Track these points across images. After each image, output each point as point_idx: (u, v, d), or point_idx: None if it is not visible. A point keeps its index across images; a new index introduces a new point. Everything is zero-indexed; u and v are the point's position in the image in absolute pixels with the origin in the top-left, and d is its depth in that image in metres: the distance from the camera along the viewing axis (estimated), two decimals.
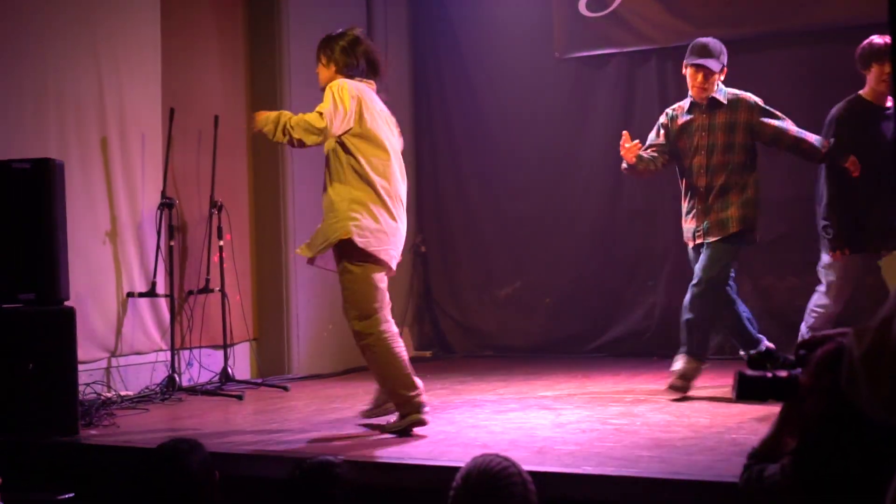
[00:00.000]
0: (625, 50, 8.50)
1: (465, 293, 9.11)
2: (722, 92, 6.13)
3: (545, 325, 8.69)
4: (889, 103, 6.16)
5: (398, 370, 5.20)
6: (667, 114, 6.32)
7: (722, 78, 6.15)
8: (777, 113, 6.12)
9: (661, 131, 6.29)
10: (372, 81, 5.52)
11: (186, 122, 7.31)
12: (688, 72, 6.16)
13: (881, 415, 2.04)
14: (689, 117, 6.19)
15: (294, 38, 7.99)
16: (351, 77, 5.43)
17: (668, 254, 8.16)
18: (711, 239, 6.10)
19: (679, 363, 6.09)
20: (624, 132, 6.23)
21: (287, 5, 7.98)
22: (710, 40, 6.15)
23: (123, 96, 6.96)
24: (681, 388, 6.03)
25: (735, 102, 6.11)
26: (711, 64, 6.05)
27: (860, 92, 6.13)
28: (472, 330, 9.07)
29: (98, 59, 6.82)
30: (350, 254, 5.19)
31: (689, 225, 6.23)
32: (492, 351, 8.88)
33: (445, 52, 9.23)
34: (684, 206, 6.25)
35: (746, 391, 2.45)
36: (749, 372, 2.46)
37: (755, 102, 6.12)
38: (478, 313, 9.06)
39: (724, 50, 6.14)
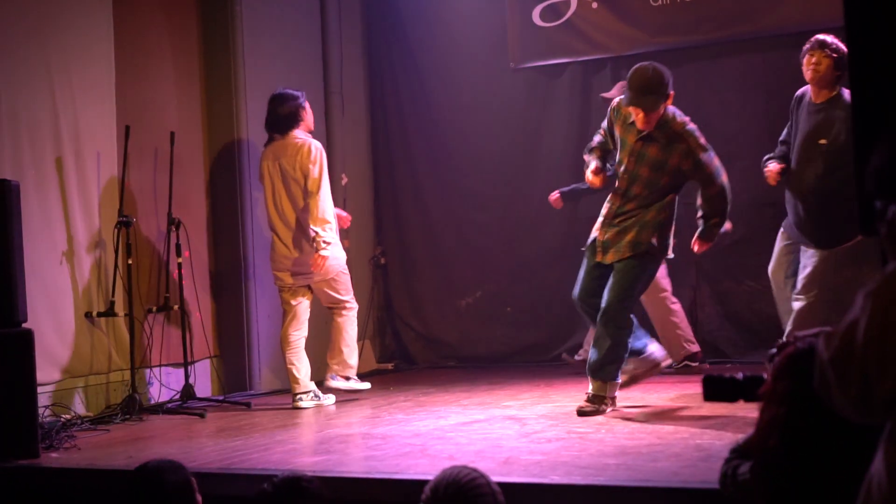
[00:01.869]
0: (579, 59, 8.54)
1: (425, 304, 9.11)
2: (662, 125, 5.78)
3: (507, 334, 8.71)
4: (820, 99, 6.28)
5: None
6: (613, 109, 5.98)
7: (668, 104, 5.80)
8: (709, 169, 5.83)
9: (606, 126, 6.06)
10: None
11: (142, 139, 7.27)
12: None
13: (851, 414, 2.08)
14: (627, 131, 5.89)
15: (249, 53, 7.96)
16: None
17: None
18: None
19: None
20: (591, 171, 5.99)
21: (241, 21, 7.96)
22: (651, 72, 5.76)
23: (78, 115, 6.90)
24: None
25: (674, 138, 5.77)
26: (649, 104, 5.70)
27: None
28: (434, 341, 9.07)
29: (51, 78, 6.76)
30: None
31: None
32: (454, 361, 8.88)
33: (401, 64, 9.23)
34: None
35: (713, 392, 2.48)
36: (715, 374, 2.50)
37: (692, 149, 5.77)
38: (439, 324, 9.06)
39: (668, 78, 5.78)
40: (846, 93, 6.11)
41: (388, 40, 9.27)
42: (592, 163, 6.03)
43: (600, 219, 5.97)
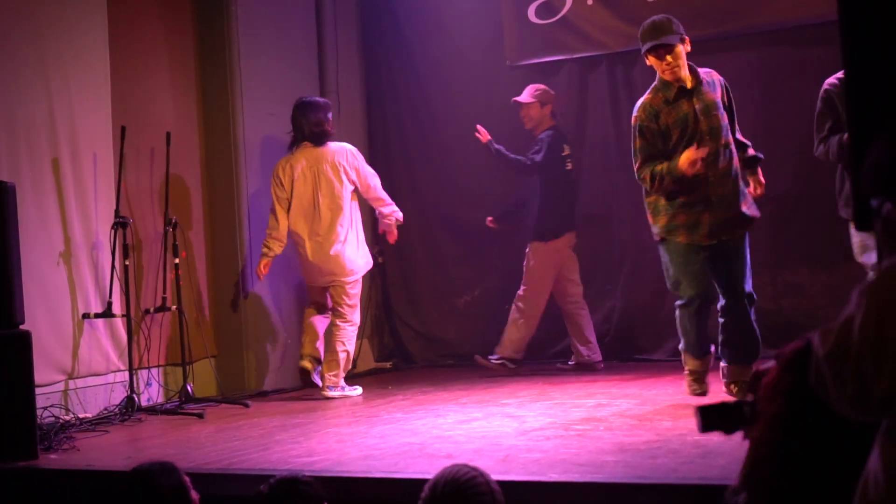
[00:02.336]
0: (575, 56, 8.54)
1: (424, 303, 9.11)
2: (692, 69, 5.77)
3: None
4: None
5: None
6: (647, 112, 5.74)
7: (688, 48, 5.76)
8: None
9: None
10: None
11: (138, 139, 7.26)
12: (651, 60, 5.71)
13: (848, 412, 2.07)
14: (675, 105, 5.70)
15: (245, 54, 7.96)
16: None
17: (625, 258, 8.20)
18: (741, 233, 5.77)
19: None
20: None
21: (237, 21, 7.96)
22: (655, 18, 5.78)
23: (74, 115, 6.90)
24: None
25: (708, 76, 5.83)
26: (672, 40, 5.63)
27: None
28: (433, 339, 9.07)
29: (48, 79, 6.76)
30: None
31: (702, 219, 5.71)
32: (452, 360, 8.87)
33: (397, 63, 9.23)
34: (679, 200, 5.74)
35: (708, 422, 2.44)
36: (706, 403, 2.47)
37: (721, 80, 5.89)
38: (437, 322, 9.06)
39: (678, 22, 5.76)
40: None
41: (384, 39, 9.27)
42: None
43: (689, 208, 5.69)
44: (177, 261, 7.22)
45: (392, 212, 7.69)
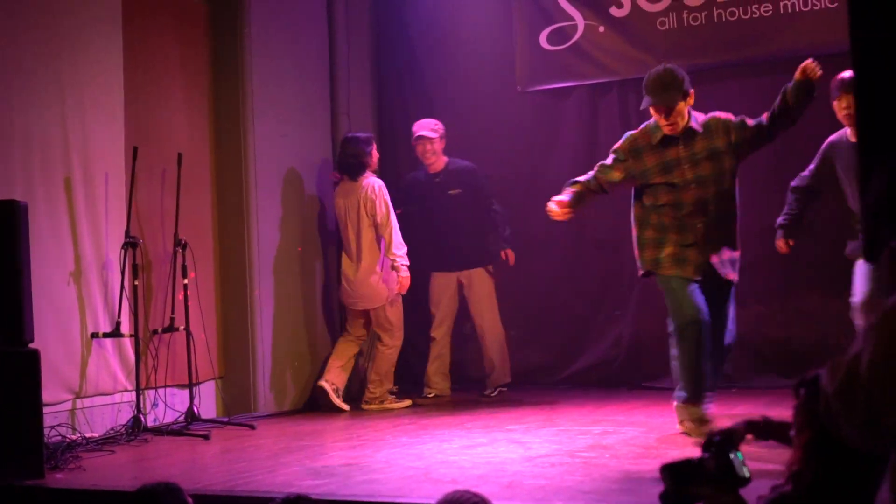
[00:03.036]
0: (586, 82, 8.56)
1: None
2: (696, 120, 5.83)
3: (512, 356, 8.67)
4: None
5: None
6: (631, 149, 5.96)
7: (690, 102, 5.83)
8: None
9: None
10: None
11: (150, 160, 7.29)
12: (652, 111, 5.85)
13: (859, 444, 2.07)
14: (657, 150, 5.85)
15: (257, 75, 7.99)
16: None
17: (634, 283, 8.19)
18: (733, 277, 5.86)
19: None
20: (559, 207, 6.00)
21: (251, 42, 7.99)
22: (663, 69, 5.82)
23: (87, 135, 6.92)
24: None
25: (708, 124, 5.83)
26: (668, 99, 5.71)
27: None
28: None
29: (63, 100, 6.79)
30: None
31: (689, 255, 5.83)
32: (457, 384, 8.85)
33: (409, 85, 9.26)
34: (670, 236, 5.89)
35: (676, 482, 2.43)
36: (671, 461, 2.46)
37: (727, 119, 5.86)
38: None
39: (683, 75, 5.81)
40: None
41: (396, 63, 9.30)
42: (566, 197, 6.03)
43: (677, 245, 5.83)
44: (185, 281, 7.23)
45: (394, 258, 7.94)
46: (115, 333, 6.85)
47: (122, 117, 7.18)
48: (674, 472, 2.42)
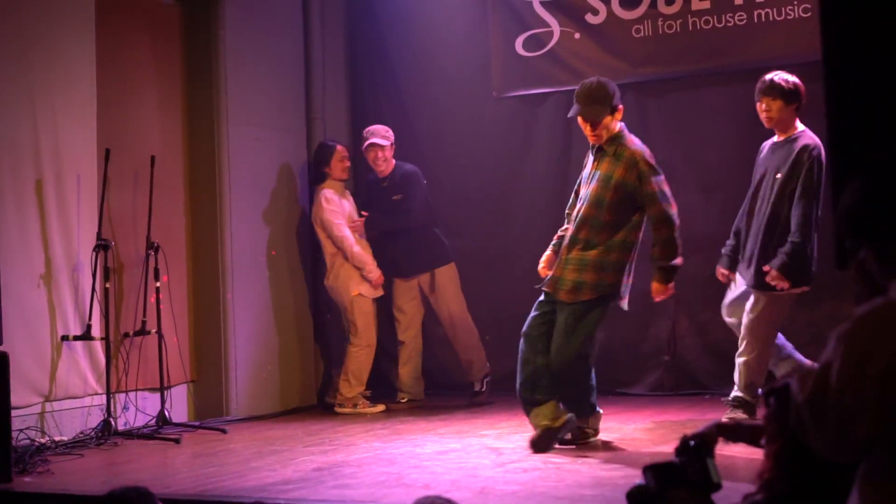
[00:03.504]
0: (562, 89, 8.55)
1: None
2: (614, 140, 5.83)
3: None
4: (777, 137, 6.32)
5: None
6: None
7: (618, 118, 5.84)
8: (652, 186, 5.76)
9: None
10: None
11: (123, 162, 7.25)
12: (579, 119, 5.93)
13: (829, 454, 2.09)
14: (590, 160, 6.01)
15: (231, 78, 7.96)
16: None
17: None
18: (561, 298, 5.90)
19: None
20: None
21: (225, 45, 7.96)
22: (595, 83, 5.87)
23: (59, 137, 6.88)
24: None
25: (622, 152, 5.78)
26: (594, 113, 5.77)
27: None
28: None
29: (33, 100, 6.74)
30: None
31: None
32: (431, 390, 8.84)
33: (384, 91, 9.24)
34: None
35: (658, 483, 2.45)
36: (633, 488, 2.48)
37: (637, 161, 5.75)
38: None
39: (613, 90, 5.83)
40: (807, 131, 6.15)
41: (372, 67, 9.28)
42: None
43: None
44: (158, 284, 7.19)
45: (355, 266, 8.13)
46: (86, 336, 6.80)
47: (94, 119, 7.13)
48: (657, 473, 2.42)
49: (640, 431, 6.28)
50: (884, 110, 2.88)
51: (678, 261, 5.85)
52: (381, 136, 8.23)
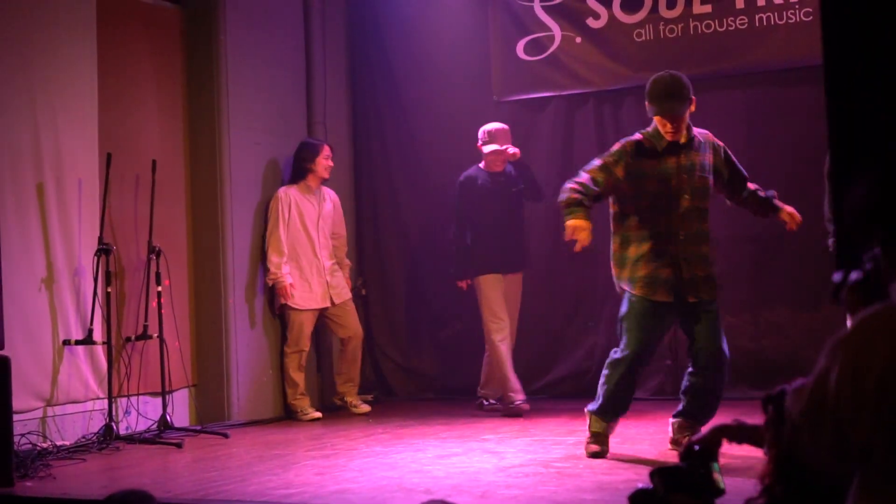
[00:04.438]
0: (563, 93, 8.57)
1: (405, 336, 9.08)
2: (689, 130, 5.76)
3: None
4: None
5: None
6: (627, 152, 5.73)
7: (692, 109, 5.76)
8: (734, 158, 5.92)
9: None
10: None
11: (124, 166, 7.25)
12: (656, 118, 5.72)
13: (826, 465, 2.08)
14: (657, 156, 5.70)
15: (232, 82, 7.97)
16: None
17: (608, 294, 8.16)
18: (709, 295, 5.71)
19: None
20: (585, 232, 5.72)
21: (225, 50, 7.96)
22: (669, 77, 5.78)
23: (60, 141, 6.88)
24: None
25: (704, 138, 5.80)
26: (682, 108, 5.65)
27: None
28: (414, 372, 9.04)
29: (34, 104, 6.75)
30: None
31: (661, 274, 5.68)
32: (433, 394, 8.85)
33: (384, 95, 9.25)
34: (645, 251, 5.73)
35: (666, 487, 2.45)
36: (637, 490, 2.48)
37: (717, 144, 5.86)
38: (419, 356, 9.03)
39: (688, 81, 5.80)
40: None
41: (372, 71, 9.29)
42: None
43: (654, 258, 5.65)
44: (159, 289, 7.19)
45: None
46: (88, 341, 6.80)
47: (95, 123, 7.14)
48: (662, 477, 2.43)
49: (641, 435, 6.28)
50: (885, 114, 2.88)
51: None
52: (510, 142, 7.85)
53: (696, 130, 5.81)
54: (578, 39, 8.49)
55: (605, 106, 8.44)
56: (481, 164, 7.98)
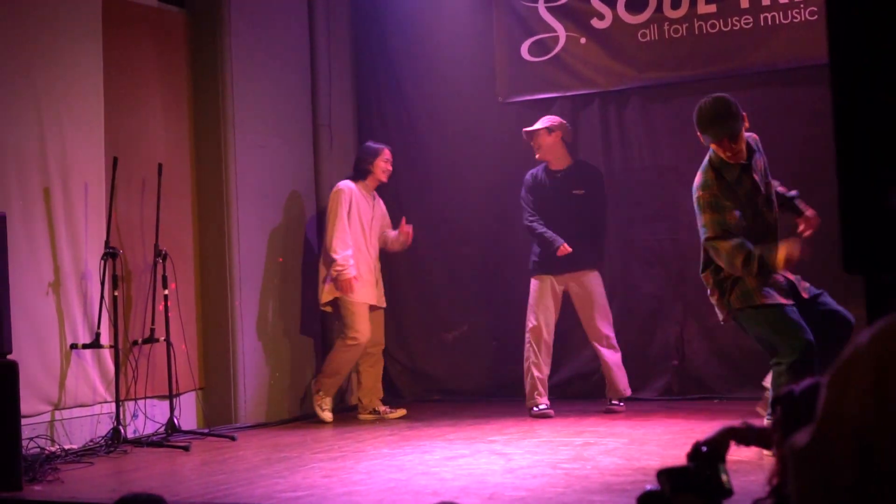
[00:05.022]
0: (567, 94, 8.57)
1: (412, 337, 9.08)
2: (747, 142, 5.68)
3: (493, 368, 8.68)
4: None
5: None
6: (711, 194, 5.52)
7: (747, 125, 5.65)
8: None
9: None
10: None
11: (130, 170, 7.26)
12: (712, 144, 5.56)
13: (847, 497, 1.90)
14: (735, 182, 5.54)
15: (238, 86, 7.97)
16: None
17: (612, 295, 8.18)
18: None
19: None
20: None
21: (230, 53, 7.97)
22: (712, 101, 5.61)
23: (66, 146, 6.90)
24: None
25: (757, 147, 5.73)
26: (737, 128, 5.51)
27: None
28: (420, 374, 9.05)
29: (40, 109, 6.76)
30: None
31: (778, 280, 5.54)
32: (440, 395, 8.85)
33: (389, 97, 9.25)
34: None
35: (672, 487, 2.45)
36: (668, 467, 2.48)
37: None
38: (425, 357, 9.04)
39: (734, 100, 5.66)
40: None
41: (377, 73, 9.30)
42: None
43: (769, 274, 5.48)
44: (166, 292, 7.20)
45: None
46: (95, 344, 6.81)
47: (101, 127, 7.15)
48: (670, 477, 2.43)
49: (649, 436, 6.27)
50: (892, 114, 2.88)
51: None
52: (549, 122, 7.82)
53: (748, 137, 5.69)
54: (583, 40, 8.49)
55: (610, 106, 8.44)
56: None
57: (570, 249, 7.56)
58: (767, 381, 5.78)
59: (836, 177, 2.99)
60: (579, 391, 8.30)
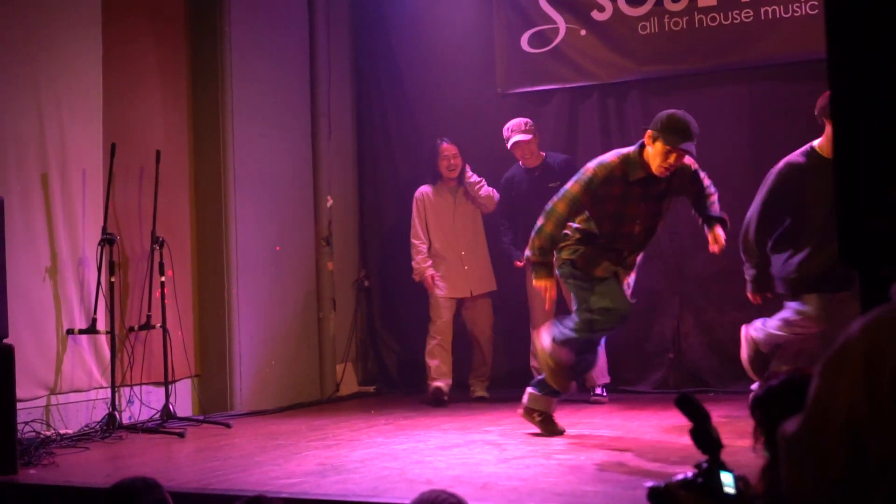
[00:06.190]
0: (567, 86, 8.56)
1: (408, 328, 9.08)
2: None
3: (491, 360, 8.67)
4: None
5: None
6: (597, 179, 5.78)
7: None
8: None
9: None
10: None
11: (128, 157, 7.26)
12: (664, 151, 5.65)
13: (831, 497, 1.92)
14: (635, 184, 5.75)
15: (237, 74, 7.98)
16: None
17: None
18: None
19: None
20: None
21: (230, 42, 7.97)
22: (688, 118, 5.72)
23: (64, 132, 6.89)
24: None
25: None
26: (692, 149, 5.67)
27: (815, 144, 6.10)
28: (416, 364, 9.03)
29: (38, 94, 6.76)
30: None
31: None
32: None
33: (389, 87, 9.25)
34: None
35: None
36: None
37: (687, 165, 5.94)
38: (422, 348, 9.02)
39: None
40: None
41: (376, 64, 9.29)
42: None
43: (612, 264, 5.90)
44: (163, 279, 7.20)
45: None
46: (91, 330, 6.82)
47: (99, 114, 7.15)
48: (661, 497, 2.44)
49: (643, 428, 6.28)
50: (890, 109, 2.88)
51: None
52: (521, 131, 7.94)
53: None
54: (583, 32, 8.48)
55: (610, 99, 8.43)
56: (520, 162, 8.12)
57: (521, 264, 7.81)
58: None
59: (833, 171, 2.99)
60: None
